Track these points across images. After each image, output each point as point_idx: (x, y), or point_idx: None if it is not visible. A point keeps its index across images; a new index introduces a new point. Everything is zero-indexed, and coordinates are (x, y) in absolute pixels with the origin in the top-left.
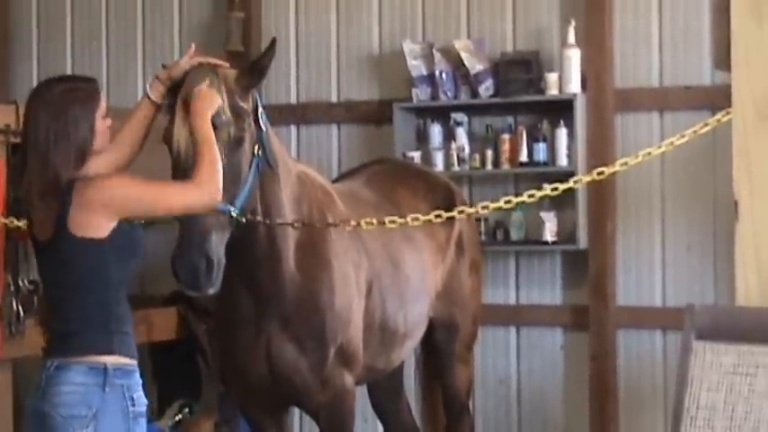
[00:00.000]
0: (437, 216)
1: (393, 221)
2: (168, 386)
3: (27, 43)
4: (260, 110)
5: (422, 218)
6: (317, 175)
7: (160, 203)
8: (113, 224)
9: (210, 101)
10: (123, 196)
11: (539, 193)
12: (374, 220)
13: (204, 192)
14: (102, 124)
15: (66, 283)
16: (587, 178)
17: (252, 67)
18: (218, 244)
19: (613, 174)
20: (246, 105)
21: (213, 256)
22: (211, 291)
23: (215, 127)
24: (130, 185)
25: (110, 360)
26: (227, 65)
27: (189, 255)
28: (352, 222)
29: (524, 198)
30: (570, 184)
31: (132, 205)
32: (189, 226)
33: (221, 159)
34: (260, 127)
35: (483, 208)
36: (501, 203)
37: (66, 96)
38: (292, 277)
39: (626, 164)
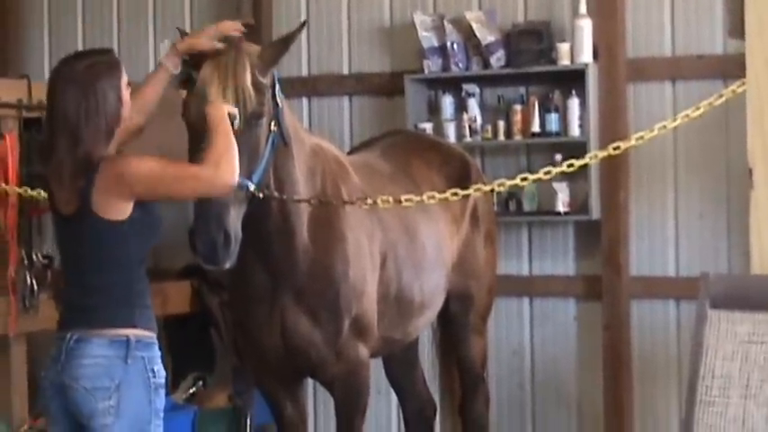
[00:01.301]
0: (454, 194)
1: (409, 200)
2: (182, 359)
3: (38, 18)
4: (277, 86)
5: (438, 196)
6: (331, 147)
7: (177, 189)
8: (132, 205)
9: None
10: (141, 181)
11: (555, 170)
12: (390, 199)
13: (221, 177)
14: (126, 94)
15: (87, 259)
16: (603, 153)
17: (276, 45)
18: (235, 218)
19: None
20: (266, 81)
21: (231, 230)
22: (228, 264)
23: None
24: (148, 170)
25: (131, 333)
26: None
27: (207, 229)
28: (369, 201)
29: (540, 175)
30: (587, 159)
31: (150, 189)
32: (207, 200)
33: (242, 134)
34: (276, 103)
35: (499, 185)
36: (517, 181)
37: (92, 71)
38: (306, 250)
39: (641, 138)
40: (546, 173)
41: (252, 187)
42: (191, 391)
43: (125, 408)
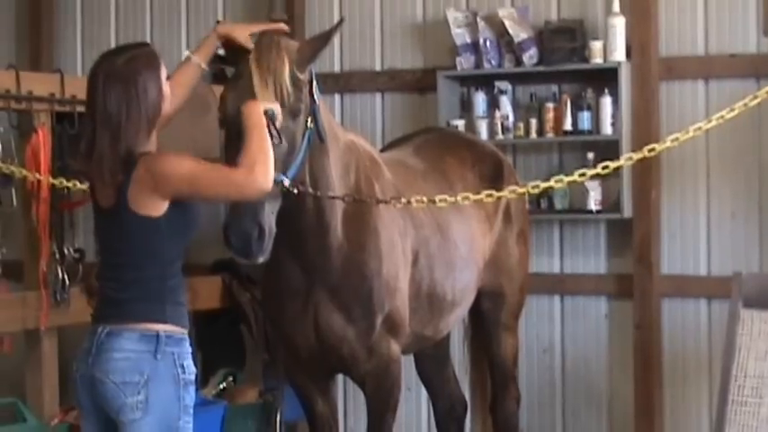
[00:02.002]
0: (488, 195)
1: (444, 200)
2: (212, 355)
3: (71, 13)
4: (314, 83)
5: (472, 197)
6: (365, 143)
7: (212, 192)
8: (167, 203)
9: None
10: (177, 181)
11: (590, 172)
12: (425, 199)
13: (256, 181)
14: (166, 87)
15: (122, 253)
16: (639, 156)
17: (314, 42)
18: (269, 213)
19: (657, 141)
20: (304, 77)
21: (265, 224)
22: (262, 259)
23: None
24: (185, 172)
25: (162, 328)
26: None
27: (241, 223)
28: (403, 200)
29: (575, 177)
30: (622, 162)
31: (185, 190)
32: None
33: (281, 128)
34: (313, 99)
35: (533, 187)
36: (552, 183)
37: (132, 65)
38: (340, 247)
39: (677, 139)
40: (581, 175)
41: (287, 183)
42: (221, 386)
43: (154, 403)
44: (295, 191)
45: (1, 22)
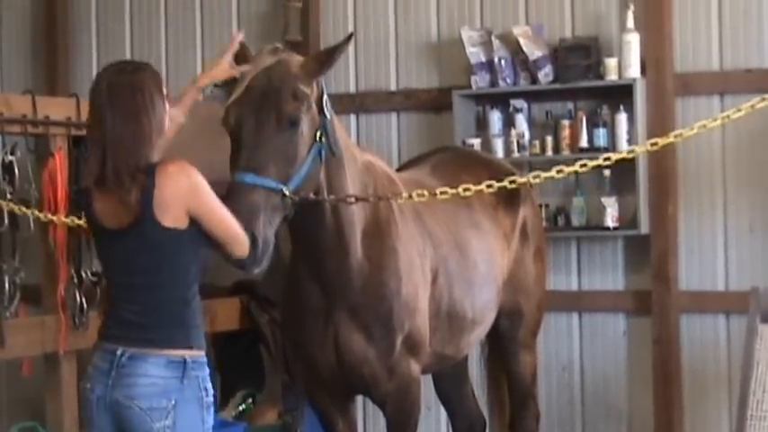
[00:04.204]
0: (488, 186)
1: (444, 192)
2: (231, 376)
3: (87, 37)
4: (325, 98)
5: (473, 188)
6: (382, 163)
7: (222, 227)
8: (188, 218)
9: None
10: (204, 206)
11: (591, 163)
12: (425, 192)
13: (244, 247)
14: (167, 103)
15: (143, 272)
16: (641, 149)
17: (320, 56)
18: (266, 223)
19: (674, 156)
20: (308, 90)
21: (258, 234)
22: (256, 270)
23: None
24: (213, 196)
25: (188, 354)
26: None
27: None
28: (404, 194)
29: (576, 168)
30: (623, 154)
31: (203, 216)
32: (236, 203)
33: (275, 136)
34: (324, 115)
35: (534, 177)
36: (553, 173)
37: (139, 76)
38: (360, 267)
39: (680, 135)
40: (582, 165)
41: (286, 192)
42: (240, 408)
43: (180, 427)
44: (296, 198)
45: (17, 47)
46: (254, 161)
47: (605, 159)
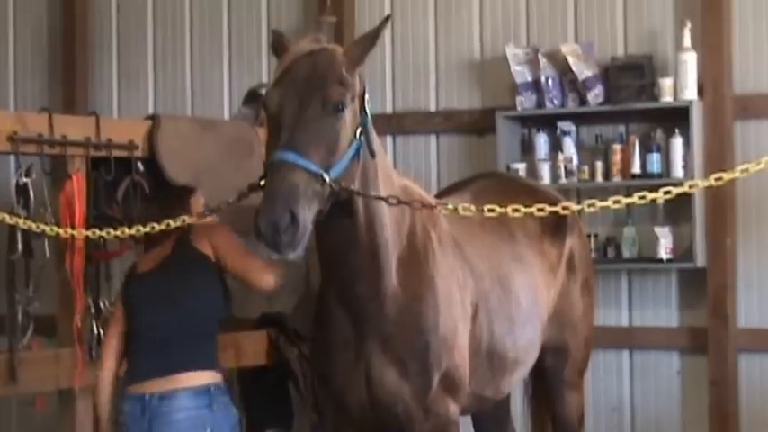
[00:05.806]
0: (540, 210)
1: (492, 210)
2: (259, 414)
3: (107, 52)
4: (366, 96)
5: (523, 209)
6: (420, 190)
7: (239, 263)
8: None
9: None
10: (225, 246)
11: (650, 195)
12: (472, 207)
13: (274, 276)
14: None
15: (177, 303)
16: (704, 183)
17: (361, 41)
18: (305, 207)
19: (732, 185)
20: (351, 80)
21: (298, 213)
22: (292, 254)
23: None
24: (233, 245)
25: (211, 383)
26: None
27: (273, 209)
28: (449, 206)
29: (634, 199)
30: (685, 188)
31: (226, 256)
32: (276, 182)
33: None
34: (365, 112)
35: (589, 206)
36: (609, 203)
37: None
38: (394, 293)
39: (746, 170)
40: (640, 197)
41: (327, 178)
42: None
43: None
44: (337, 188)
45: (33, 64)
46: (296, 141)
47: (665, 193)
